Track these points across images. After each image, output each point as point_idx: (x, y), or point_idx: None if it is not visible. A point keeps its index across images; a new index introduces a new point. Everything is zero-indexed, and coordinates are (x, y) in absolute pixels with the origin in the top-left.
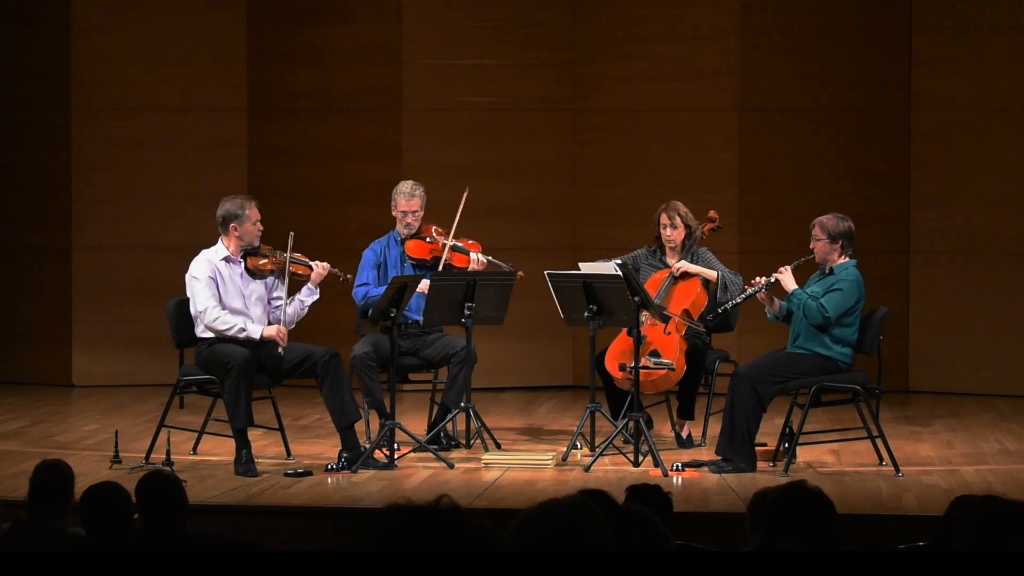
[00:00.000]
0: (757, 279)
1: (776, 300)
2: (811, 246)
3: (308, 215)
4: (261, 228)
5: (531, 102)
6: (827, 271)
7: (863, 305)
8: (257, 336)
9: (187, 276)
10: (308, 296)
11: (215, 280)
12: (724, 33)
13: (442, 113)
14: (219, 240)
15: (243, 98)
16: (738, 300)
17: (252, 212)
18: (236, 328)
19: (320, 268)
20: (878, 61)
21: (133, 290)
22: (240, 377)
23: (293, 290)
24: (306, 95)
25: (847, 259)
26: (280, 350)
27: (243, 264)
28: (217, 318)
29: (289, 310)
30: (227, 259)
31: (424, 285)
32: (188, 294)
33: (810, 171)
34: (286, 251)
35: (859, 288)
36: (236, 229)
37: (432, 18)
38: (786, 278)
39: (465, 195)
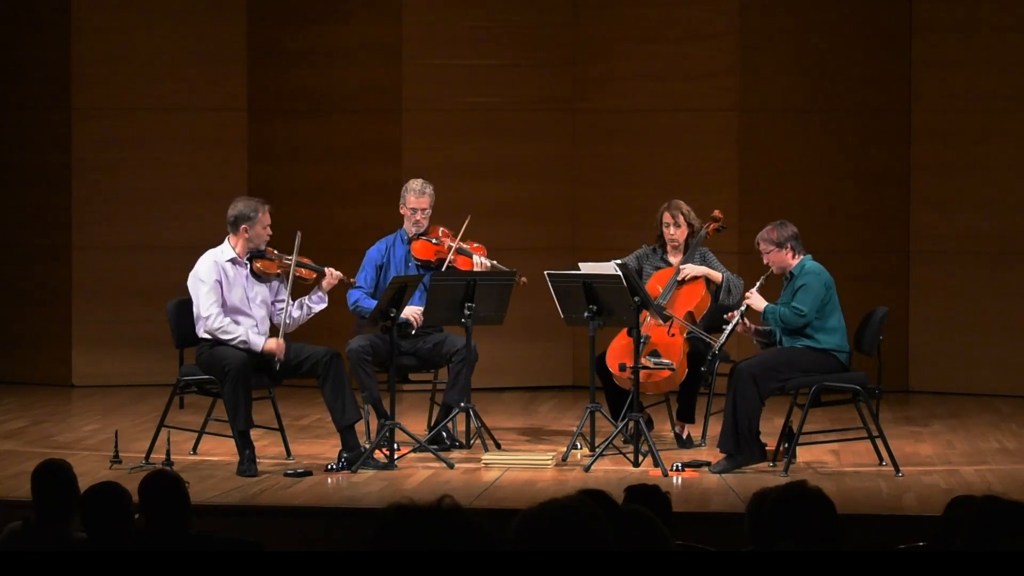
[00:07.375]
0: (730, 314)
1: (753, 325)
2: (765, 262)
3: (308, 215)
4: (270, 232)
5: (531, 102)
6: (788, 277)
7: (835, 293)
8: (258, 349)
9: (192, 277)
10: (317, 303)
11: (220, 283)
12: (724, 33)
13: (442, 113)
14: (226, 240)
15: (243, 98)
16: (723, 340)
17: (264, 216)
18: (238, 339)
19: (332, 276)
20: (878, 61)
21: (133, 290)
22: (237, 381)
23: (299, 294)
24: (306, 95)
25: (801, 257)
26: (277, 364)
27: (249, 266)
28: (220, 327)
29: (295, 313)
30: (233, 260)
31: (412, 311)
32: (192, 295)
33: (810, 171)
34: (292, 252)
35: (822, 278)
36: (247, 231)
37: (432, 18)
38: (755, 300)
39: (466, 223)
